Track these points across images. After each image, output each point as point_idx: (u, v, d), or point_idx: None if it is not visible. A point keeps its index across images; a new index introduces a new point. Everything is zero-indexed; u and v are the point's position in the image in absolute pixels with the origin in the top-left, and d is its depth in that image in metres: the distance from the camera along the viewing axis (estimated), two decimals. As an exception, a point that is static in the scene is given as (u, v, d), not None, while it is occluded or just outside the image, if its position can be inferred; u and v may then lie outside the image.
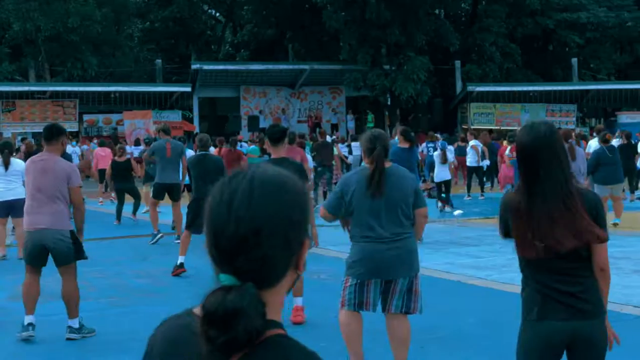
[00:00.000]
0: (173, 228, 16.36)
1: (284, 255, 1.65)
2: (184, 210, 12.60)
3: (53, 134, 7.78)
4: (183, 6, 40.94)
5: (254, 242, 1.60)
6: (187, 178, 14.15)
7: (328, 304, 8.68)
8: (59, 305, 7.85)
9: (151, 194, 14.74)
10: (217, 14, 48.36)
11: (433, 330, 7.63)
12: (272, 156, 8.35)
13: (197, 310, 1.66)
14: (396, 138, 14.77)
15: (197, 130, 34.66)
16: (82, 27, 36.17)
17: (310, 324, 8.08)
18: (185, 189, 16.18)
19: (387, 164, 5.99)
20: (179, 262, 11.02)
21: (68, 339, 7.68)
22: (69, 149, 25.72)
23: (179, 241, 12.18)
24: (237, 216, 1.61)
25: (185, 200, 14.81)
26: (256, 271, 1.60)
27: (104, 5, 38.63)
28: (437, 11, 39.42)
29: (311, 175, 16.73)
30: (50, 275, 8.29)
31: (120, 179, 17.46)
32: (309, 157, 17.57)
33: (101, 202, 22.15)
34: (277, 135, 8.38)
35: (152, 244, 14.17)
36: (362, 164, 6.28)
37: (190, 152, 16.04)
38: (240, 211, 1.61)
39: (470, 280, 10.49)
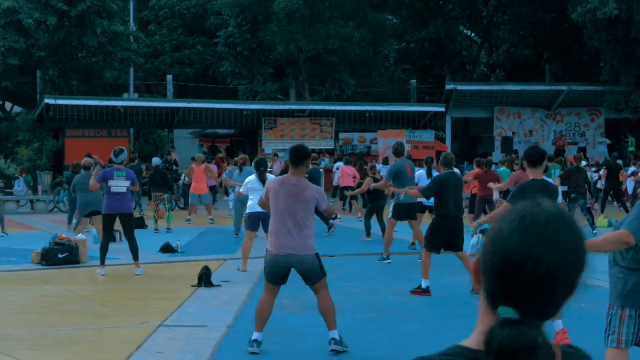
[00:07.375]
0: (412, 246, 16.49)
1: (567, 297, 1.66)
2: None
3: (301, 159, 7.83)
4: (440, 27, 41.17)
5: (548, 289, 1.61)
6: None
7: (589, 332, 8.34)
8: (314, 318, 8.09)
9: (390, 214, 14.66)
10: (473, 35, 48.20)
11: None
12: (531, 177, 8.20)
13: (470, 344, 1.67)
14: None
15: (449, 150, 34.68)
16: (341, 48, 37.32)
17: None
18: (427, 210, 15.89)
19: None
20: (423, 285, 11.01)
21: (333, 350, 7.73)
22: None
23: None
24: (539, 261, 1.60)
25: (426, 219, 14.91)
26: (540, 311, 1.63)
27: (363, 27, 39.67)
28: None
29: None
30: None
31: (377, 197, 17.72)
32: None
33: (360, 218, 22.38)
34: (537, 157, 8.23)
35: (380, 262, 14.31)
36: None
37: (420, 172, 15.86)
38: (542, 257, 1.60)
39: None
